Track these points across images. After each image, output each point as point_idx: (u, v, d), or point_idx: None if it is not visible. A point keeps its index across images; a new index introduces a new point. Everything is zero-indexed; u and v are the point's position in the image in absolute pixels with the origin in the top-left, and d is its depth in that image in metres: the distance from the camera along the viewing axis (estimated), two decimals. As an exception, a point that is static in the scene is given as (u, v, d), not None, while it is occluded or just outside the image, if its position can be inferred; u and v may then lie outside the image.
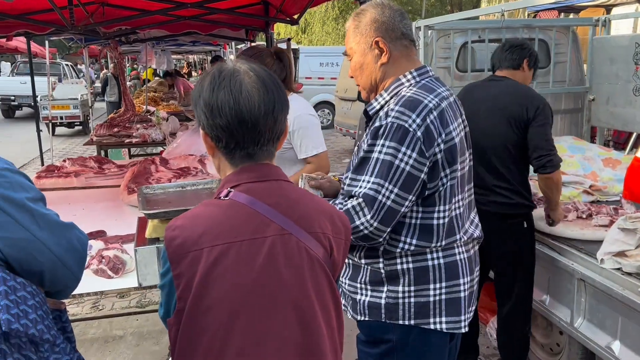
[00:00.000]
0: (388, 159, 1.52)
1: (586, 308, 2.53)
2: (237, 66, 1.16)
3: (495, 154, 2.67)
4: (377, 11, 1.66)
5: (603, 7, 7.18)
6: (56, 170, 3.80)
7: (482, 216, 2.62)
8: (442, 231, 1.63)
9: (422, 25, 4.24)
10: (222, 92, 1.12)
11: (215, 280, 1.07)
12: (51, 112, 10.85)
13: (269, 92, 1.14)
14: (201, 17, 4.93)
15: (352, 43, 1.70)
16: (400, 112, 1.54)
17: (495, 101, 2.72)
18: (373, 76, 1.69)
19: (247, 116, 1.11)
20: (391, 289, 1.65)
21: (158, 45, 10.13)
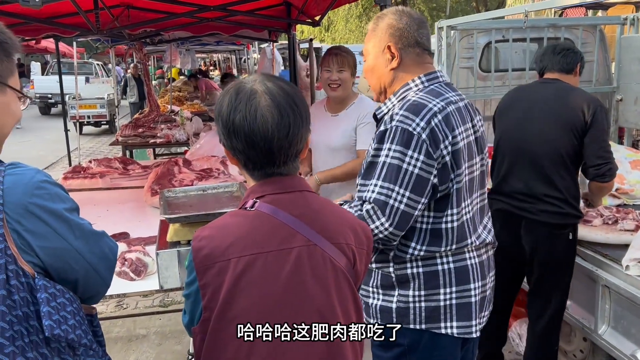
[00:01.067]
0: (396, 163, 1.54)
1: (611, 315, 2.48)
2: (255, 87, 1.18)
3: (549, 160, 2.56)
4: (395, 17, 1.70)
5: (633, 4, 7.01)
6: (82, 172, 3.88)
7: (529, 226, 2.60)
8: (452, 235, 1.64)
9: (445, 25, 4.20)
10: (238, 115, 1.15)
11: (243, 291, 1.09)
12: (79, 111, 11.12)
13: (283, 116, 1.15)
14: (224, 19, 4.97)
15: (368, 45, 1.76)
16: (405, 116, 1.57)
17: (548, 104, 2.62)
18: (382, 79, 1.74)
19: (261, 143, 1.14)
20: (402, 293, 1.67)
21: (182, 45, 10.24)
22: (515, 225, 2.63)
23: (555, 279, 2.60)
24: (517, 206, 2.62)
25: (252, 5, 4.50)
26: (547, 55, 2.79)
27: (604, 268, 2.54)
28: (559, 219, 2.54)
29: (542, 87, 2.73)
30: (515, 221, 2.63)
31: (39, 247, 1.08)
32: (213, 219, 2.03)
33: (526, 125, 2.66)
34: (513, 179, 2.65)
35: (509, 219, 2.65)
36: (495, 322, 2.91)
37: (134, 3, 4.37)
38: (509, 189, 2.66)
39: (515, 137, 2.68)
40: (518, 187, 2.62)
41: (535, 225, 2.56)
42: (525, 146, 2.62)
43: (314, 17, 4.46)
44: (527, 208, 2.58)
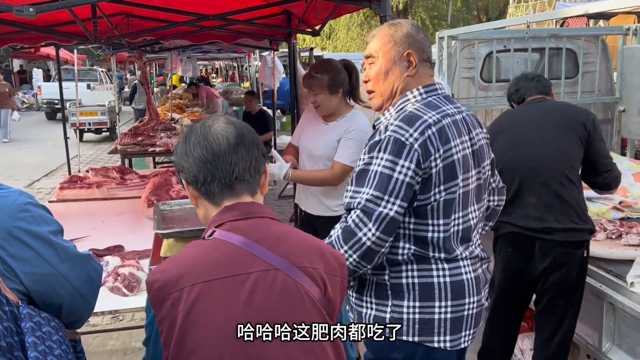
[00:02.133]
0: (386, 172, 1.55)
1: (615, 333, 2.42)
2: (209, 119, 1.26)
3: (563, 173, 2.49)
4: (414, 29, 1.72)
5: (635, 15, 6.98)
6: (79, 181, 3.84)
7: (544, 248, 2.50)
8: (439, 244, 1.63)
9: (446, 35, 4.17)
10: (193, 136, 1.20)
11: (197, 322, 1.03)
12: (79, 118, 11.11)
13: (237, 129, 1.21)
14: (224, 28, 4.95)
15: (382, 48, 1.71)
16: (399, 127, 1.58)
17: (549, 119, 2.59)
18: (396, 85, 1.71)
19: (217, 148, 1.17)
20: (396, 303, 1.65)
21: (184, 52, 10.25)
22: (528, 248, 2.53)
23: (569, 299, 2.51)
24: (529, 228, 2.51)
25: (252, 15, 4.49)
26: (522, 83, 2.82)
27: (608, 284, 2.48)
28: (575, 236, 2.46)
29: (534, 106, 2.71)
30: (529, 244, 2.52)
31: (23, 273, 1.04)
32: (208, 234, 2.00)
33: (530, 141, 2.59)
34: (524, 196, 2.55)
35: (521, 243, 2.55)
36: (502, 344, 2.83)
37: (133, 12, 4.35)
38: (520, 207, 2.54)
39: (521, 154, 2.59)
40: (531, 203, 2.52)
41: (552, 245, 2.46)
42: (534, 162, 2.54)
43: (314, 27, 4.44)
44: (541, 229, 2.48)
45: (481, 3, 24.15)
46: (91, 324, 3.90)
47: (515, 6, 17.54)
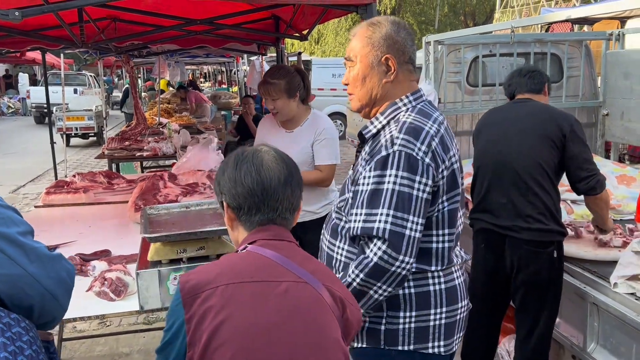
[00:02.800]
0: (406, 191, 1.47)
1: (599, 333, 2.45)
2: (259, 147, 1.31)
3: (531, 175, 2.53)
4: (394, 28, 1.62)
5: (617, 20, 7.09)
6: (65, 186, 3.81)
7: (512, 244, 2.57)
8: (443, 255, 1.60)
9: (432, 40, 4.21)
10: (245, 165, 1.24)
11: (228, 318, 1.07)
12: (66, 123, 11.03)
13: (287, 166, 1.28)
14: (212, 32, 4.95)
15: (360, 51, 1.63)
16: (407, 141, 1.50)
17: (525, 121, 2.63)
18: (374, 92, 1.64)
19: (267, 183, 1.22)
20: (391, 314, 1.60)
21: (172, 57, 10.22)
22: (499, 244, 2.61)
23: (540, 297, 2.56)
24: (499, 225, 2.59)
25: (240, 19, 4.49)
26: (515, 78, 2.85)
27: (592, 285, 2.52)
28: (542, 235, 2.51)
29: (516, 106, 2.77)
30: (498, 240, 2.60)
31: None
32: (195, 238, 2.01)
33: (504, 142, 2.66)
34: (495, 195, 2.63)
35: (492, 239, 2.63)
36: (486, 341, 2.88)
37: (120, 16, 4.34)
38: (491, 206, 2.64)
39: (494, 154, 2.68)
40: (500, 203, 2.60)
41: (519, 243, 2.53)
42: (505, 162, 2.61)
43: (301, 31, 4.45)
44: (510, 226, 2.55)
45: (468, 8, 24.37)
46: (78, 330, 3.87)
47: (501, 11, 17.72)
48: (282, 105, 2.82)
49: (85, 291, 2.16)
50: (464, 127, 4.61)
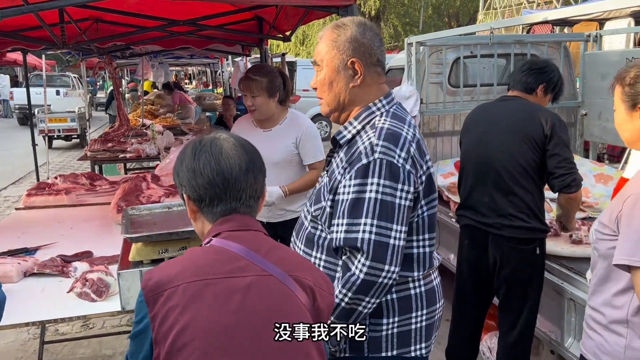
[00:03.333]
0: (389, 200, 1.44)
1: (576, 328, 2.50)
2: (217, 135, 1.25)
3: (511, 175, 2.56)
4: (359, 30, 1.58)
5: (596, 21, 7.22)
6: (47, 188, 3.79)
7: (495, 241, 2.60)
8: (424, 260, 1.60)
9: (414, 41, 4.25)
10: (203, 155, 1.20)
11: (191, 318, 1.05)
12: (49, 125, 10.90)
13: (247, 153, 1.23)
14: (195, 33, 4.94)
15: (325, 55, 1.60)
16: (386, 147, 1.47)
17: (508, 121, 2.63)
18: (342, 97, 1.60)
19: (228, 173, 1.19)
20: (374, 322, 1.58)
21: (155, 58, 10.17)
22: (482, 240, 2.65)
23: (522, 294, 2.60)
24: (482, 222, 2.63)
25: (223, 20, 4.50)
26: (515, 72, 2.81)
27: (569, 281, 2.57)
28: (524, 233, 2.54)
29: (502, 104, 2.77)
30: (481, 237, 2.64)
31: None
32: (176, 238, 2.01)
33: (488, 140, 2.68)
34: (478, 193, 2.67)
35: (475, 235, 2.67)
36: (468, 337, 2.91)
37: (102, 17, 4.32)
38: (474, 203, 2.68)
39: (477, 152, 2.72)
40: (483, 201, 2.64)
41: (501, 240, 2.56)
42: (488, 161, 2.64)
43: (284, 32, 4.47)
44: (492, 223, 2.59)
45: (452, 10, 24.57)
46: (60, 332, 3.85)
47: (484, 13, 17.89)
48: (261, 103, 2.82)
49: (66, 292, 2.16)
50: (445, 128, 4.66)
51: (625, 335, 1.50)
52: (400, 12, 23.45)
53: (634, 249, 1.43)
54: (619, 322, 1.51)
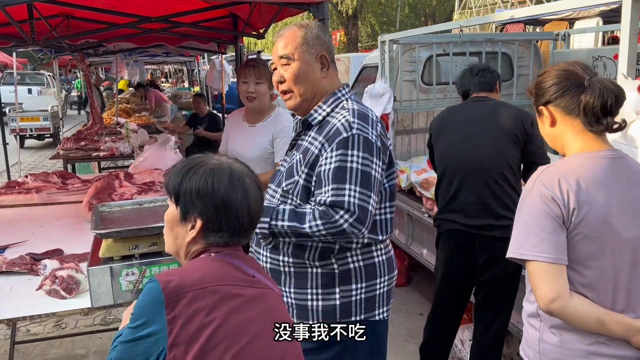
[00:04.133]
0: (368, 170, 1.63)
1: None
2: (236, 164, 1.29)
3: (502, 174, 2.60)
4: (321, 31, 1.81)
5: (566, 21, 7.38)
6: (17, 187, 3.72)
7: (484, 244, 2.61)
8: (387, 225, 1.80)
9: (387, 39, 4.29)
10: (239, 191, 1.23)
11: (222, 320, 1.10)
12: (20, 124, 10.69)
13: (260, 190, 1.30)
14: (169, 30, 4.91)
15: (297, 49, 1.75)
16: (362, 125, 1.66)
17: (489, 118, 2.69)
18: (315, 86, 1.78)
19: (254, 213, 1.26)
20: (344, 288, 1.74)
21: (130, 56, 10.05)
22: (469, 244, 2.65)
23: (504, 293, 2.64)
24: (470, 224, 2.62)
25: (197, 17, 4.47)
26: (467, 77, 2.90)
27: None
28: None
29: (476, 104, 2.81)
30: (469, 241, 2.64)
31: None
32: (147, 234, 2.01)
33: (471, 141, 2.70)
34: (464, 195, 2.66)
35: (463, 239, 2.67)
36: (443, 336, 2.93)
37: (74, 13, 4.26)
38: (462, 206, 2.67)
39: (461, 153, 2.72)
40: (470, 201, 2.63)
41: (491, 242, 2.57)
42: (474, 162, 2.65)
43: (259, 30, 4.47)
44: (482, 225, 2.59)
45: (428, 9, 24.79)
46: (32, 333, 3.79)
47: (460, 12, 18.10)
48: (264, 91, 2.84)
49: (35, 290, 2.14)
50: (419, 125, 4.72)
51: (538, 328, 1.54)
52: (377, 11, 23.59)
53: (520, 242, 1.47)
54: (533, 315, 1.56)
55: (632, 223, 1.44)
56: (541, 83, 1.55)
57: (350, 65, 9.15)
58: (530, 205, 1.46)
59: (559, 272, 1.41)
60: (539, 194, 1.44)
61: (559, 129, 1.53)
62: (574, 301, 1.41)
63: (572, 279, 1.43)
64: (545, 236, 1.41)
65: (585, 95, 1.45)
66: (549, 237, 1.41)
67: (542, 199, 1.43)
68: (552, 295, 1.39)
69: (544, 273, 1.41)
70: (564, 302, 1.40)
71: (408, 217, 4.04)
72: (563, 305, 1.39)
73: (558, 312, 1.41)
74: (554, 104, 1.51)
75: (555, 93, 1.50)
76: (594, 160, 1.46)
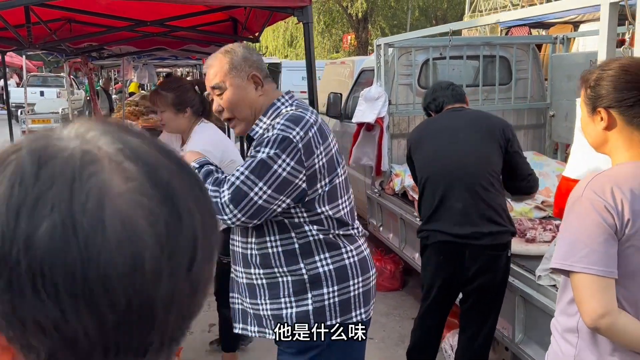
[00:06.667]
0: (268, 162, 1.63)
1: (525, 324, 2.55)
2: (91, 147, 0.44)
3: (489, 180, 2.59)
4: (247, 52, 1.81)
5: (571, 24, 7.31)
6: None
7: (474, 253, 2.57)
8: (332, 222, 1.76)
9: (383, 43, 4.30)
10: (44, 223, 0.40)
11: None
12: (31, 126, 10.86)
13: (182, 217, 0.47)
14: (169, 34, 4.95)
15: (226, 77, 1.76)
16: (286, 126, 1.66)
17: (473, 129, 2.69)
18: (254, 107, 1.79)
19: (124, 294, 0.41)
20: (316, 293, 1.75)
21: (139, 59, 10.14)
22: (459, 255, 2.61)
23: (492, 300, 2.62)
24: (458, 234, 2.58)
25: (196, 21, 4.51)
26: (438, 92, 2.91)
27: (521, 279, 2.61)
28: (501, 238, 2.55)
29: (456, 114, 2.81)
30: (459, 251, 2.60)
31: None
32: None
33: (455, 150, 2.68)
34: (450, 203, 2.63)
35: (453, 251, 2.62)
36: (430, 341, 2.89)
37: (75, 17, 4.33)
38: (447, 214, 2.63)
39: (445, 163, 2.69)
40: (457, 208, 2.59)
41: (482, 250, 2.55)
42: (459, 170, 2.63)
43: (254, 34, 4.50)
44: (469, 234, 2.55)
45: (439, 12, 24.71)
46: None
47: (470, 16, 18.01)
48: (167, 118, 2.74)
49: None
50: (416, 128, 4.71)
51: (575, 345, 1.46)
52: (387, 15, 23.55)
53: (567, 252, 1.39)
54: (571, 330, 1.48)
55: None
56: (607, 83, 1.45)
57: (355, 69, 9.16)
58: (579, 213, 1.38)
59: (608, 286, 1.33)
60: (590, 201, 1.35)
61: (614, 134, 1.45)
62: (622, 318, 1.33)
63: (617, 294, 1.35)
64: (596, 247, 1.33)
65: None
66: (600, 248, 1.33)
67: (593, 206, 1.34)
68: (602, 310, 1.31)
69: (592, 286, 1.33)
70: (613, 318, 1.31)
71: (401, 221, 4.03)
72: (612, 322, 1.31)
73: (606, 328, 1.32)
74: (618, 111, 1.43)
75: (624, 101, 1.42)
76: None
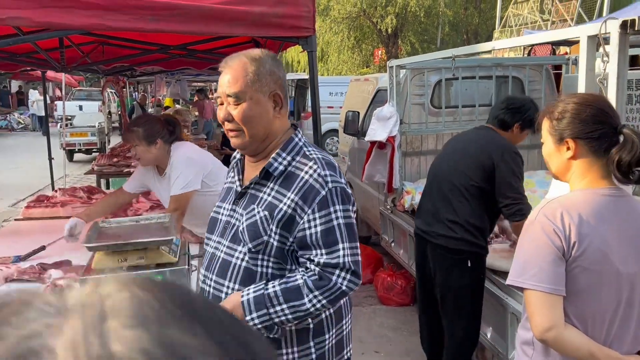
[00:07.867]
0: (350, 222, 1.61)
1: (517, 341, 2.63)
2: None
3: (459, 190, 2.80)
4: (275, 65, 1.63)
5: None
6: (45, 200, 4.07)
7: (431, 248, 2.91)
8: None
9: (395, 64, 4.44)
10: None
11: None
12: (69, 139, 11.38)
13: None
14: (194, 55, 5.22)
15: (248, 88, 1.56)
16: (333, 176, 1.60)
17: (467, 146, 2.90)
18: (269, 127, 1.63)
19: None
20: (318, 340, 1.69)
21: (173, 75, 10.54)
22: (423, 247, 2.96)
23: (455, 302, 2.79)
24: (424, 230, 2.93)
25: (221, 43, 4.75)
26: (495, 107, 2.98)
27: (512, 295, 2.69)
28: (452, 243, 2.77)
29: (471, 132, 3.04)
30: (423, 244, 2.95)
31: None
32: (132, 248, 2.22)
33: (446, 160, 2.97)
34: (425, 200, 3.00)
35: (420, 242, 3.00)
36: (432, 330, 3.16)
37: (109, 41, 4.63)
38: (421, 210, 3.03)
39: (434, 170, 3.03)
40: (427, 207, 2.94)
41: (435, 248, 2.85)
42: (440, 176, 2.93)
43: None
44: (430, 232, 2.87)
45: (470, 28, 24.65)
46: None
47: (500, 31, 17.97)
48: (141, 152, 2.94)
49: (38, 296, 2.37)
50: (428, 147, 4.83)
51: (531, 357, 1.58)
52: (418, 30, 23.63)
53: (520, 270, 1.52)
54: (527, 343, 1.60)
55: (631, 259, 1.49)
56: (573, 115, 1.54)
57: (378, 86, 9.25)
58: (532, 236, 1.51)
59: (555, 302, 1.45)
60: (542, 225, 1.48)
61: (577, 163, 1.55)
62: (568, 332, 1.45)
63: (567, 310, 1.47)
64: (545, 266, 1.45)
65: (621, 152, 1.47)
66: (548, 267, 1.45)
67: (544, 230, 1.47)
68: (548, 324, 1.44)
69: (541, 302, 1.45)
70: (558, 332, 1.44)
71: (410, 237, 4.14)
72: (557, 335, 1.44)
73: (552, 341, 1.45)
74: (584, 142, 1.53)
75: (589, 133, 1.51)
76: (597, 196, 1.51)
